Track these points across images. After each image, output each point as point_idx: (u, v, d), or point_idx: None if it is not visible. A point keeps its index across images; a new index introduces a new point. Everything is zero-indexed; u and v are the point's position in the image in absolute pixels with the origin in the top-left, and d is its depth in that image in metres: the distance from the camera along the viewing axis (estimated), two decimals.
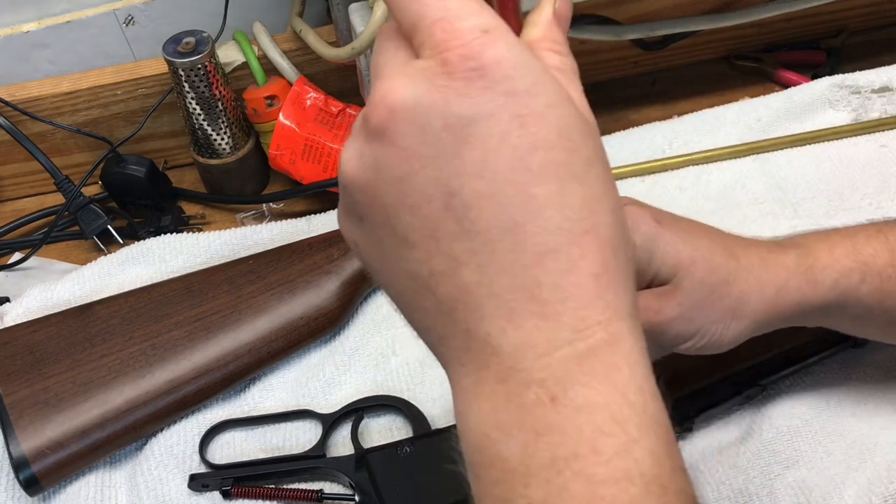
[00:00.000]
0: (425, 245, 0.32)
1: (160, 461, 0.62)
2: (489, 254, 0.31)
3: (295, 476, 0.62)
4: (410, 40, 0.33)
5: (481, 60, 0.31)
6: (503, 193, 0.31)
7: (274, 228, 0.77)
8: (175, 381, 0.63)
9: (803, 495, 0.57)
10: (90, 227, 0.77)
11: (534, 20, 0.36)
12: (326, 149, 0.76)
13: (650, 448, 0.31)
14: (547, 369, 0.31)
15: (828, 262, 0.52)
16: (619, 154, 0.81)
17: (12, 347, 0.64)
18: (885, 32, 0.92)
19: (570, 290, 0.31)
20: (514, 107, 0.31)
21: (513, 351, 0.32)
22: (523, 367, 0.31)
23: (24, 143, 0.77)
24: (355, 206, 0.35)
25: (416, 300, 0.34)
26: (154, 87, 0.79)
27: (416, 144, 0.31)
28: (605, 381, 0.31)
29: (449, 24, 0.31)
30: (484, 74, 0.31)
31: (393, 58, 0.33)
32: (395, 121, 0.32)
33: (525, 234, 0.31)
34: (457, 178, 0.31)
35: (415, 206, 0.32)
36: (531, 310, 0.31)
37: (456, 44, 0.31)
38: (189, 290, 0.68)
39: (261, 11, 0.83)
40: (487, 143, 0.31)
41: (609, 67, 0.89)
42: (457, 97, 0.31)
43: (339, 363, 0.67)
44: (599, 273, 0.32)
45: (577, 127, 0.32)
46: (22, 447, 0.59)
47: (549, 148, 0.31)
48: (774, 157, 0.79)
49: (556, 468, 0.31)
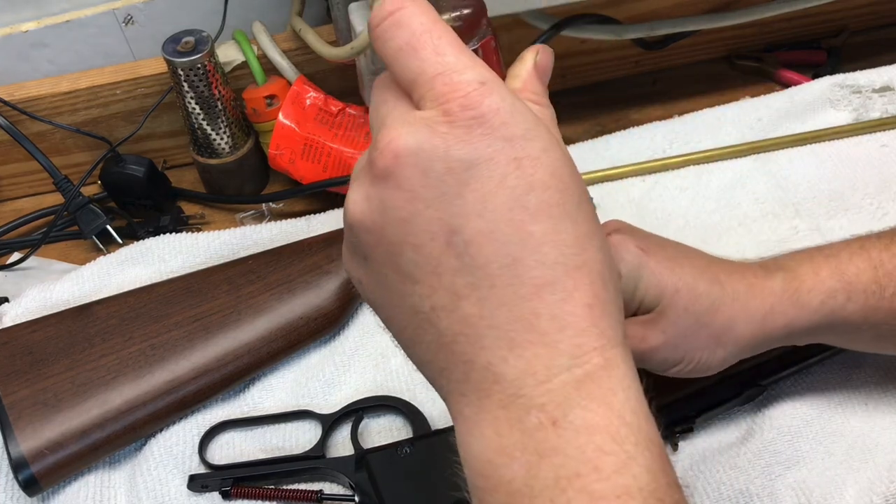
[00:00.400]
0: (428, 281, 0.34)
1: (159, 462, 0.62)
2: (489, 287, 0.34)
3: (295, 476, 0.62)
4: (409, 93, 0.35)
5: (480, 109, 0.33)
6: (502, 231, 0.33)
7: (273, 228, 0.77)
8: (174, 381, 0.63)
9: (804, 495, 0.57)
10: (89, 226, 0.77)
11: (515, 72, 0.40)
12: (326, 148, 0.76)
13: (647, 465, 0.33)
14: (547, 395, 0.33)
15: (813, 284, 0.53)
16: (619, 154, 0.81)
17: (11, 348, 0.64)
18: (885, 32, 0.92)
19: (567, 319, 0.33)
20: (511, 151, 0.34)
21: (514, 379, 0.33)
22: (524, 393, 0.33)
23: (24, 142, 0.77)
24: (361, 246, 0.37)
25: (417, 334, 0.36)
26: (153, 87, 0.79)
27: (419, 187, 0.34)
28: (603, 403, 0.33)
29: (449, 78, 0.34)
30: (483, 122, 0.33)
31: (394, 108, 0.36)
32: (400, 165, 0.34)
33: (524, 268, 0.33)
34: (458, 217, 0.34)
35: (418, 244, 0.34)
36: (530, 339, 0.33)
37: (456, 95, 0.34)
38: (188, 290, 0.68)
39: (260, 11, 0.83)
40: (487, 184, 0.33)
41: (610, 67, 0.89)
42: (458, 143, 0.33)
43: (338, 363, 0.67)
44: (592, 304, 0.34)
45: (568, 169, 0.35)
46: (21, 448, 0.59)
47: (544, 188, 0.34)
48: (775, 156, 0.79)
49: (559, 487, 0.32)
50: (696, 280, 0.51)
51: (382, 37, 0.36)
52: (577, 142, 0.83)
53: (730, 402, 0.61)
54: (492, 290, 0.33)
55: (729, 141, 0.80)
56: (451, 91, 0.34)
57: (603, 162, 0.80)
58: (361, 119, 0.77)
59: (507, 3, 0.69)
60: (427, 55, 0.35)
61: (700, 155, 0.79)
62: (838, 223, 0.73)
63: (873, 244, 0.54)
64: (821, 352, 0.62)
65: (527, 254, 0.33)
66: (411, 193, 0.34)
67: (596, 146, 0.82)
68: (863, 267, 0.53)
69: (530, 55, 0.40)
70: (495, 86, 0.34)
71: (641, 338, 0.51)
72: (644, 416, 0.34)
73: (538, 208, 0.34)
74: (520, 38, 0.78)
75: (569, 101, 0.86)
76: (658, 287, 0.51)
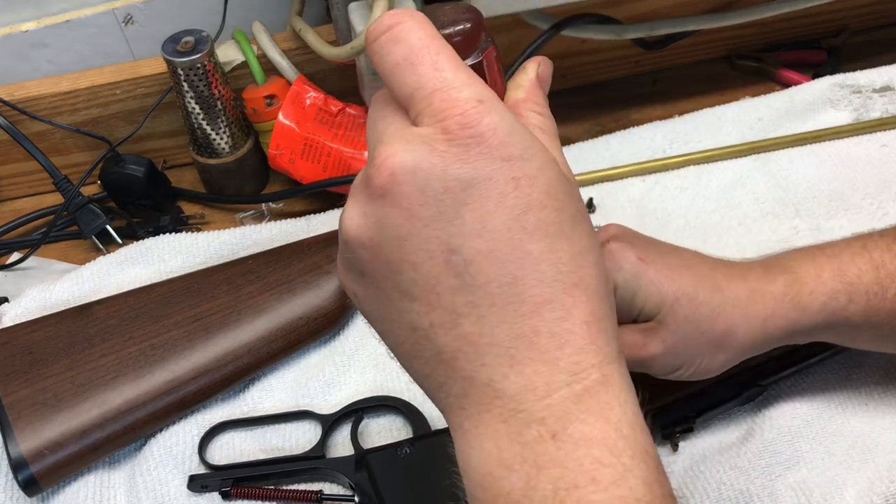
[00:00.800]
0: (426, 299, 0.35)
1: (159, 462, 0.62)
2: (489, 306, 0.34)
3: (294, 477, 0.61)
4: (406, 109, 0.35)
5: (479, 128, 0.34)
6: (501, 250, 0.34)
7: (273, 228, 0.77)
8: (174, 381, 0.63)
9: (804, 496, 0.57)
10: (89, 226, 0.77)
11: (518, 82, 0.40)
12: (326, 148, 0.76)
13: (643, 477, 0.34)
14: (548, 409, 0.34)
15: (815, 286, 0.53)
16: (619, 154, 0.81)
17: (11, 348, 0.64)
18: (885, 32, 0.92)
19: (566, 337, 0.34)
20: (509, 170, 0.34)
21: (515, 394, 0.34)
22: (525, 408, 0.34)
23: (23, 142, 0.77)
24: (357, 262, 0.37)
25: (415, 350, 0.36)
26: (153, 87, 0.79)
27: (417, 205, 0.34)
28: (601, 417, 0.34)
29: (447, 94, 0.34)
30: (481, 141, 0.34)
31: (391, 124, 0.36)
32: (398, 183, 0.34)
33: (523, 287, 0.34)
34: (457, 236, 0.34)
35: (417, 262, 0.34)
36: (531, 356, 0.34)
37: (454, 112, 0.34)
38: (188, 290, 0.68)
39: (260, 11, 0.83)
40: (486, 204, 0.34)
41: (610, 67, 0.89)
42: (455, 162, 0.33)
43: (338, 364, 0.67)
44: (590, 321, 0.35)
45: (563, 188, 0.35)
46: (20, 448, 0.59)
47: (541, 208, 0.34)
48: (775, 156, 0.79)
49: (557, 498, 0.33)
50: (695, 288, 0.51)
51: (380, 52, 0.36)
52: (577, 142, 0.83)
53: (730, 402, 0.61)
54: (491, 308, 0.34)
55: (729, 141, 0.80)
56: (449, 108, 0.34)
57: (603, 162, 0.80)
58: (361, 119, 0.77)
59: (507, 3, 0.69)
60: (425, 71, 0.35)
61: (700, 155, 0.79)
62: (838, 223, 0.73)
63: (875, 244, 0.54)
64: (821, 352, 0.62)
65: (526, 272, 0.34)
66: (409, 212, 0.34)
67: (596, 146, 0.82)
68: (865, 268, 0.53)
69: (532, 66, 0.40)
70: (493, 104, 0.34)
71: (642, 346, 0.51)
72: (640, 428, 0.35)
73: (535, 227, 0.34)
74: (520, 38, 0.78)
75: (569, 101, 0.86)
76: (658, 296, 0.51)
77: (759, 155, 0.80)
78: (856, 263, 0.53)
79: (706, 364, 0.53)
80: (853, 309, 0.53)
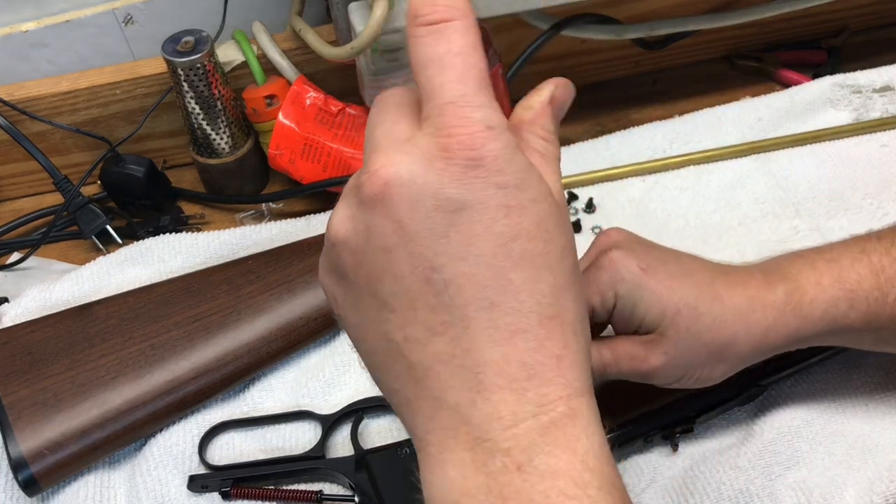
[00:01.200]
0: (404, 312, 0.35)
1: (159, 462, 0.62)
2: (464, 328, 0.34)
3: (294, 477, 0.61)
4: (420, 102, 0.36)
5: (480, 152, 0.34)
6: (483, 275, 0.34)
7: (273, 228, 0.77)
8: (174, 381, 0.63)
9: (804, 496, 0.57)
10: (89, 226, 0.77)
11: (529, 103, 0.40)
12: (326, 148, 0.76)
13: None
14: (513, 439, 0.34)
15: (815, 293, 0.53)
16: (619, 154, 0.81)
17: (11, 348, 0.64)
18: (885, 32, 0.92)
19: (536, 367, 0.34)
20: (502, 197, 0.34)
21: (481, 422, 0.34)
22: (491, 437, 0.34)
23: (23, 142, 0.77)
24: (340, 265, 0.37)
25: (387, 362, 0.36)
26: (153, 87, 0.79)
27: (407, 219, 0.34)
28: (567, 449, 0.34)
29: (460, 111, 0.34)
30: (479, 165, 0.34)
31: (391, 131, 0.36)
32: (390, 195, 0.34)
33: (500, 313, 0.34)
34: (442, 255, 0.34)
35: (398, 275, 0.34)
36: (498, 383, 0.34)
37: (461, 131, 0.34)
38: (188, 290, 0.68)
39: (260, 11, 0.83)
40: (474, 227, 0.34)
41: (610, 67, 0.89)
42: (451, 181, 0.34)
43: (338, 364, 0.67)
44: (562, 355, 0.35)
45: (554, 220, 0.35)
46: (20, 448, 0.59)
47: (528, 238, 0.34)
48: (775, 156, 0.79)
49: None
50: (697, 299, 0.51)
51: (419, 38, 0.35)
52: (577, 142, 0.83)
53: (730, 402, 0.61)
54: (466, 330, 0.34)
55: (729, 141, 0.80)
56: (457, 125, 0.34)
57: (603, 162, 0.80)
58: (361, 119, 0.77)
59: (507, 3, 0.69)
60: (451, 78, 0.34)
61: (700, 155, 0.79)
62: (838, 223, 0.73)
63: (874, 248, 0.54)
64: (821, 352, 0.62)
65: (505, 300, 0.34)
66: (398, 224, 0.34)
67: (596, 146, 0.82)
68: (864, 273, 0.53)
69: (548, 87, 0.40)
70: (500, 133, 0.34)
71: (644, 358, 0.51)
72: (606, 460, 0.35)
73: (521, 257, 0.34)
74: (520, 38, 0.78)
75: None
76: (659, 307, 0.51)
77: (759, 155, 0.79)
78: (855, 269, 0.53)
79: (707, 374, 0.53)
80: (854, 315, 0.52)
